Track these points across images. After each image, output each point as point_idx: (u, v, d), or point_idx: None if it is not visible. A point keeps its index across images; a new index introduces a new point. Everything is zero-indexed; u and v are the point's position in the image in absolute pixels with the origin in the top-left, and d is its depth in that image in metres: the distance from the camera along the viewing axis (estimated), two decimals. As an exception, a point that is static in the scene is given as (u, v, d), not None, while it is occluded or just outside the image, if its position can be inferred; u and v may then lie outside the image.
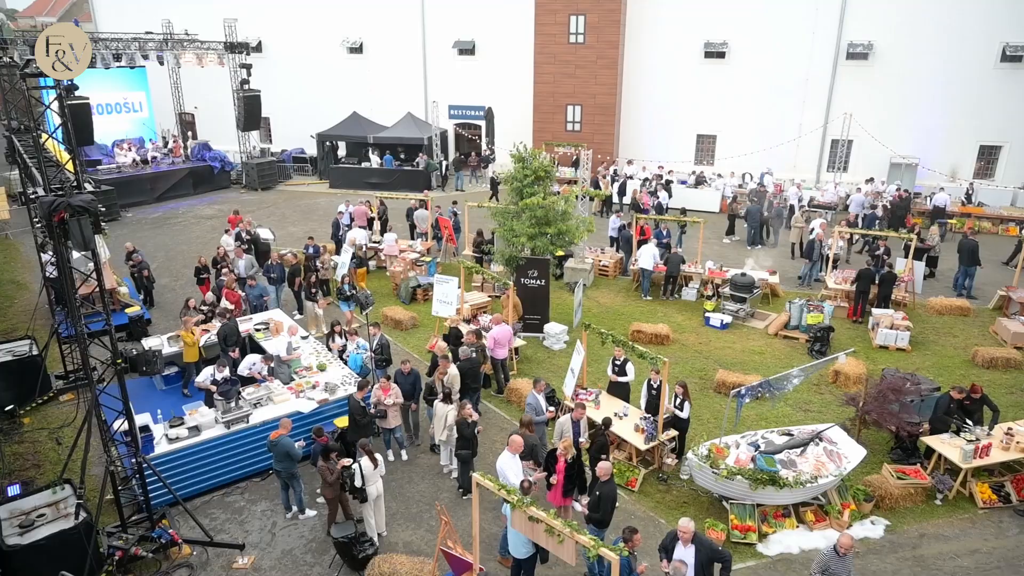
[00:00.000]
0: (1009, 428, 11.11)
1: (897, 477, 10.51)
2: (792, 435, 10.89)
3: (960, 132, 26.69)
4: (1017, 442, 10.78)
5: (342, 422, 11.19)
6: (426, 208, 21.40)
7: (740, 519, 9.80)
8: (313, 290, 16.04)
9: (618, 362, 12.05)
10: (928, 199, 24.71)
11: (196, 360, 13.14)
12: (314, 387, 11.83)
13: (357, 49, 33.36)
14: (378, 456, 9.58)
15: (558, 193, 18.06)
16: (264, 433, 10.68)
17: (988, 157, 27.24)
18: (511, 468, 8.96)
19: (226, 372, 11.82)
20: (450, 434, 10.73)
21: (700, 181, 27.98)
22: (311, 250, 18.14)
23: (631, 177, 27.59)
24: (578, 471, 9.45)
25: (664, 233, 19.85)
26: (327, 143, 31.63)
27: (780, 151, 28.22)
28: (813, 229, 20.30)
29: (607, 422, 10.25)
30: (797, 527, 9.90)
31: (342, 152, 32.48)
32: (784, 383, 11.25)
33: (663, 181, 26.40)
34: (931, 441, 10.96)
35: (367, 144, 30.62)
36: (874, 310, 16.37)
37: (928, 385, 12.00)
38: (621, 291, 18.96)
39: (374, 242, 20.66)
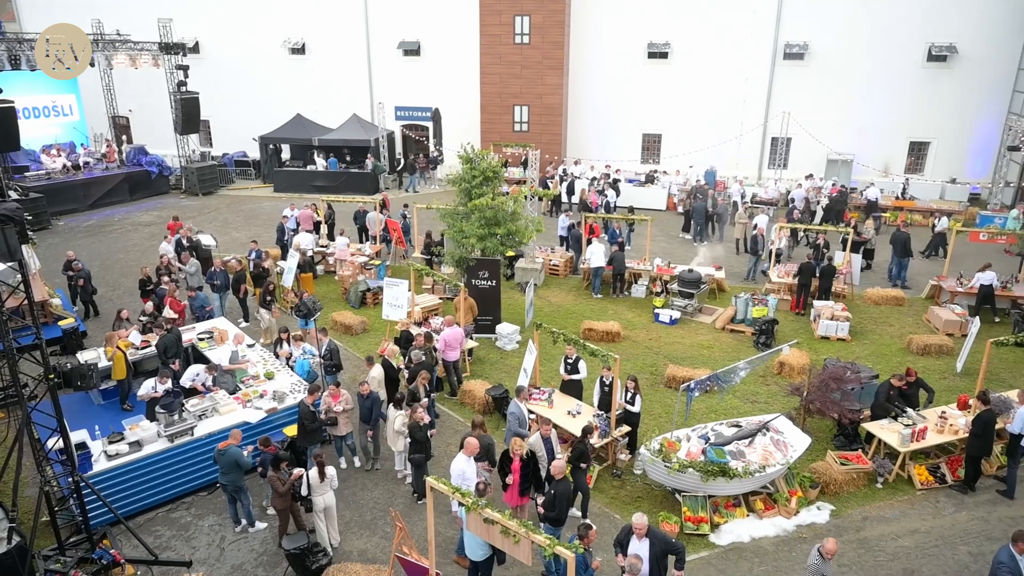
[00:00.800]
0: (943, 412, 11.60)
1: (840, 463, 10.86)
2: (740, 426, 11.15)
3: (891, 129, 27.82)
4: (950, 425, 11.27)
5: (292, 431, 10.94)
6: (387, 206, 21.20)
7: (692, 511, 9.96)
8: (268, 298, 15.64)
9: (570, 360, 12.12)
10: (863, 194, 25.64)
11: (124, 377, 12.61)
12: (262, 396, 11.55)
13: (299, 50, 32.73)
14: (330, 469, 9.39)
15: (507, 193, 18.08)
16: (210, 445, 10.37)
17: (918, 153, 28.44)
18: (467, 471, 8.91)
19: (168, 384, 11.43)
20: (403, 439, 10.59)
21: (650, 179, 28.41)
22: (254, 255, 17.72)
23: (579, 177, 27.84)
24: (533, 469, 9.46)
25: (618, 232, 19.99)
26: (270, 146, 30.95)
27: (723, 149, 28.89)
28: (756, 225, 20.83)
29: (587, 430, 9.93)
30: (747, 516, 10.13)
31: (286, 155, 31.84)
32: (732, 376, 11.49)
33: (611, 180, 26.72)
34: (871, 427, 11.36)
35: (312, 146, 30.08)
36: (815, 302, 16.89)
37: (867, 373, 12.44)
38: (572, 290, 19.09)
39: (321, 246, 20.31)
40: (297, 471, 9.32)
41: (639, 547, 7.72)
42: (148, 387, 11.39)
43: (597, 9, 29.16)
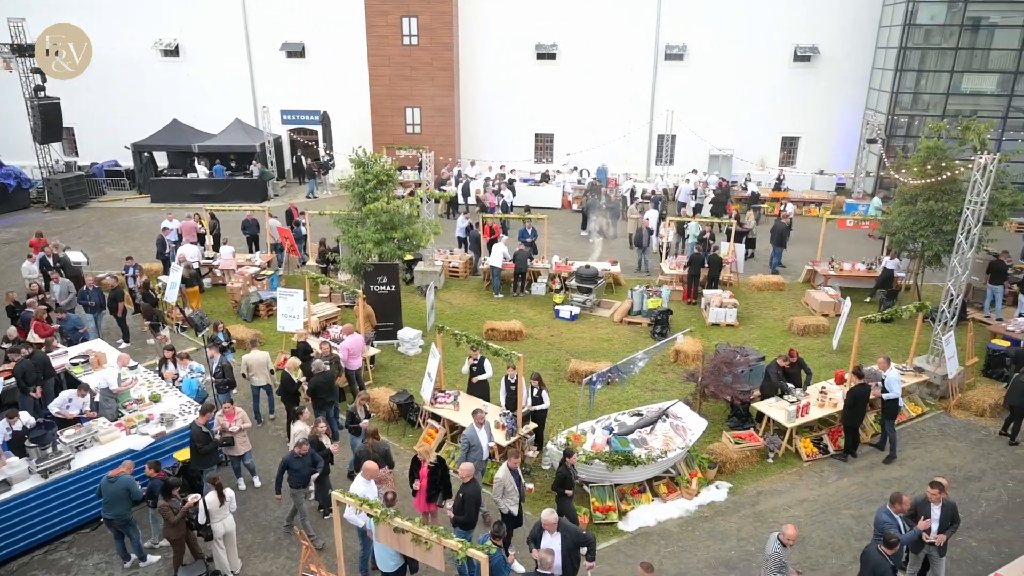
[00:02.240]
0: (823, 387, 12.46)
1: (735, 442, 11.43)
2: (642, 415, 11.50)
3: (765, 125, 29.66)
4: (830, 399, 12.11)
5: (183, 455, 10.31)
6: (295, 216, 20.45)
7: (600, 500, 10.18)
8: (154, 320, 14.60)
9: (475, 361, 12.09)
10: (744, 187, 27.14)
11: None
12: (148, 421, 10.79)
13: (173, 51, 30.88)
14: (228, 491, 8.89)
15: (402, 197, 17.83)
16: (90, 478, 9.58)
17: (790, 147, 30.47)
18: (367, 495, 8.62)
19: (19, 424, 10.34)
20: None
21: (546, 178, 28.85)
22: (131, 271, 16.58)
23: (474, 178, 27.89)
24: (442, 475, 9.36)
25: (529, 232, 20.04)
26: (145, 154, 29.08)
27: (612, 147, 29.78)
28: (648, 219, 21.59)
29: (568, 452, 9.45)
30: (652, 501, 10.46)
31: (163, 163, 30.00)
32: (631, 366, 11.85)
33: (506, 180, 26.93)
34: (761, 406, 12.02)
35: (192, 153, 28.50)
36: (705, 291, 17.71)
37: (755, 356, 13.16)
38: (473, 291, 19.08)
39: (207, 258, 19.29)
40: (192, 498, 8.76)
41: (551, 541, 7.80)
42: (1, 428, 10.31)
43: (485, 11, 29.33)
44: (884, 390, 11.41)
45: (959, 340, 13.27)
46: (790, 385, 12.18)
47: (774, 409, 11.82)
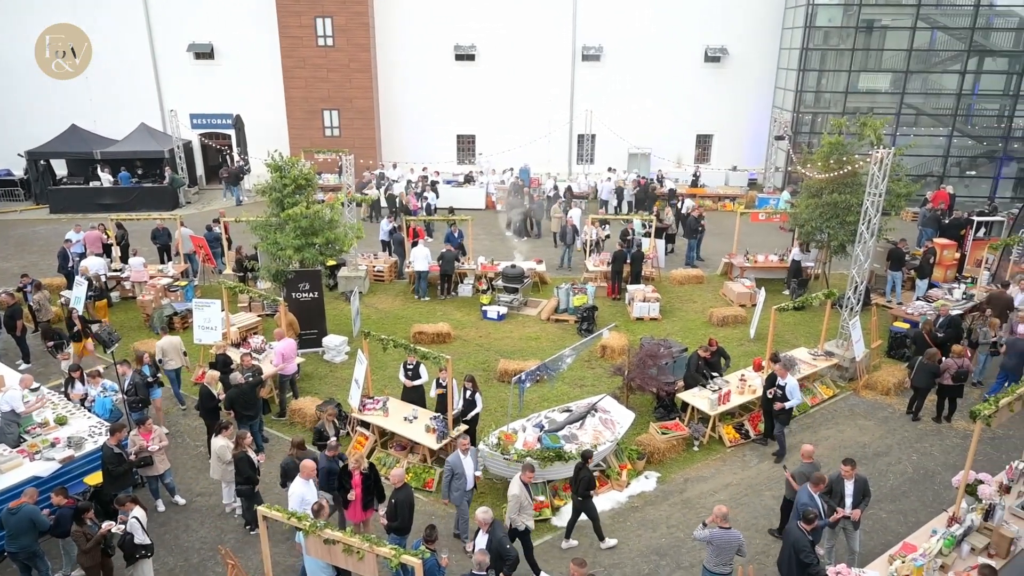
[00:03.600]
0: (742, 375, 12.94)
1: (662, 433, 11.73)
2: (571, 411, 11.64)
3: (681, 124, 30.58)
4: (749, 386, 12.59)
5: (94, 479, 9.74)
6: (227, 230, 19.57)
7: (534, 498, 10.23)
8: (54, 341, 13.67)
9: (410, 366, 11.93)
10: (661, 183, 27.89)
11: None
12: (54, 445, 10.13)
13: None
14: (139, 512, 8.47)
15: (322, 201, 17.43)
16: (-10, 510, 8.90)
17: (704, 144, 31.52)
18: (306, 495, 8.43)
19: None
20: (226, 468, 9.80)
21: (469, 179, 28.80)
22: (29, 287, 15.54)
23: (396, 180, 27.58)
24: (374, 481, 9.20)
25: (456, 235, 19.84)
26: (40, 162, 27.31)
27: (534, 147, 30.03)
28: (572, 217, 21.88)
29: (586, 455, 9.40)
30: (585, 495, 10.59)
31: (62, 171, 28.27)
32: (559, 363, 11.98)
33: (429, 182, 26.74)
34: (685, 396, 12.38)
35: (95, 160, 26.96)
36: (629, 287, 18.10)
37: (678, 348, 13.54)
38: (399, 295, 18.85)
39: (115, 270, 18.30)
40: (106, 525, 8.28)
41: (482, 541, 7.82)
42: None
43: (401, 11, 29.04)
44: (785, 398, 11.21)
45: (864, 324, 14.04)
46: (715, 375, 12.60)
47: (698, 398, 12.20)
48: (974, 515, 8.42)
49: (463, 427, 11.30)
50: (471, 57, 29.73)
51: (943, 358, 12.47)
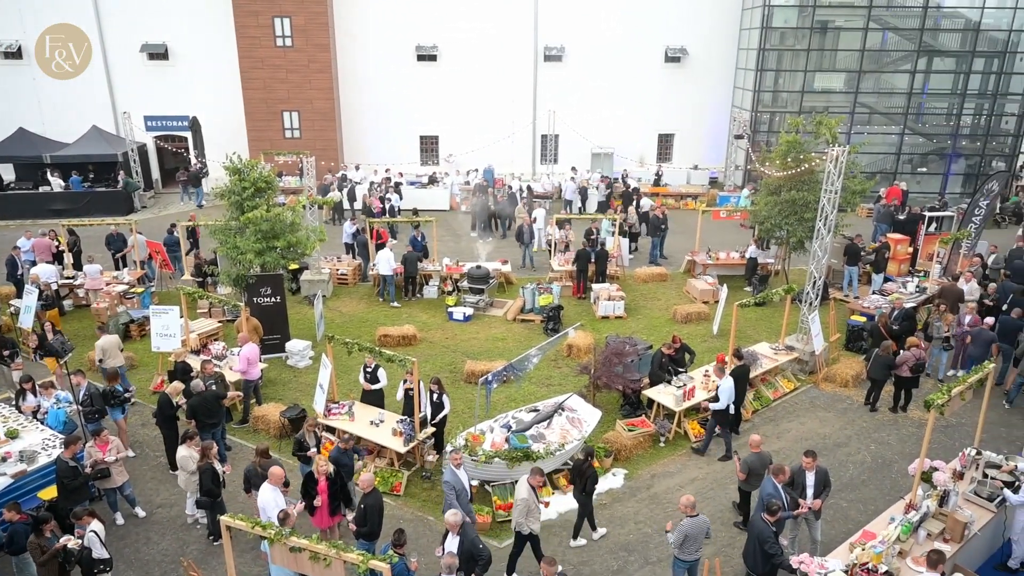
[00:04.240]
0: (706, 371, 13.11)
1: (628, 430, 11.83)
2: (538, 410, 11.66)
3: (642, 123, 30.86)
4: (713, 381, 12.74)
5: (49, 493, 9.44)
6: (197, 235, 19.16)
7: (502, 499, 10.22)
8: (5, 352, 13.20)
9: (369, 369, 11.83)
10: (624, 183, 28.13)
11: None
12: (4, 459, 9.79)
13: (14, 54, 28.07)
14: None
15: (283, 204, 17.15)
16: (-63, 529, 8.57)
17: (666, 144, 31.87)
18: (277, 500, 8.30)
19: None
20: (190, 479, 9.59)
21: (432, 180, 28.65)
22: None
23: (359, 182, 27.31)
24: (340, 486, 9.09)
25: (419, 239, 19.63)
26: (-13, 167, 26.39)
27: (498, 148, 30.02)
28: (536, 218, 21.93)
29: (589, 452, 9.64)
30: (553, 494, 10.61)
31: (9, 176, 27.32)
32: (526, 363, 11.99)
33: (392, 184, 26.54)
34: (650, 393, 12.49)
35: (44, 165, 26.13)
36: (594, 286, 18.21)
37: (643, 345, 13.66)
38: (363, 298, 18.66)
39: (67, 278, 17.76)
40: (65, 539, 8.03)
41: (452, 543, 7.77)
42: None
43: (362, 11, 28.75)
44: (715, 398, 11.40)
45: (823, 318, 14.36)
46: (679, 371, 12.75)
47: (663, 395, 12.32)
48: (929, 502, 8.66)
49: (430, 430, 11.25)
50: (433, 58, 29.59)
51: (899, 350, 12.83)
